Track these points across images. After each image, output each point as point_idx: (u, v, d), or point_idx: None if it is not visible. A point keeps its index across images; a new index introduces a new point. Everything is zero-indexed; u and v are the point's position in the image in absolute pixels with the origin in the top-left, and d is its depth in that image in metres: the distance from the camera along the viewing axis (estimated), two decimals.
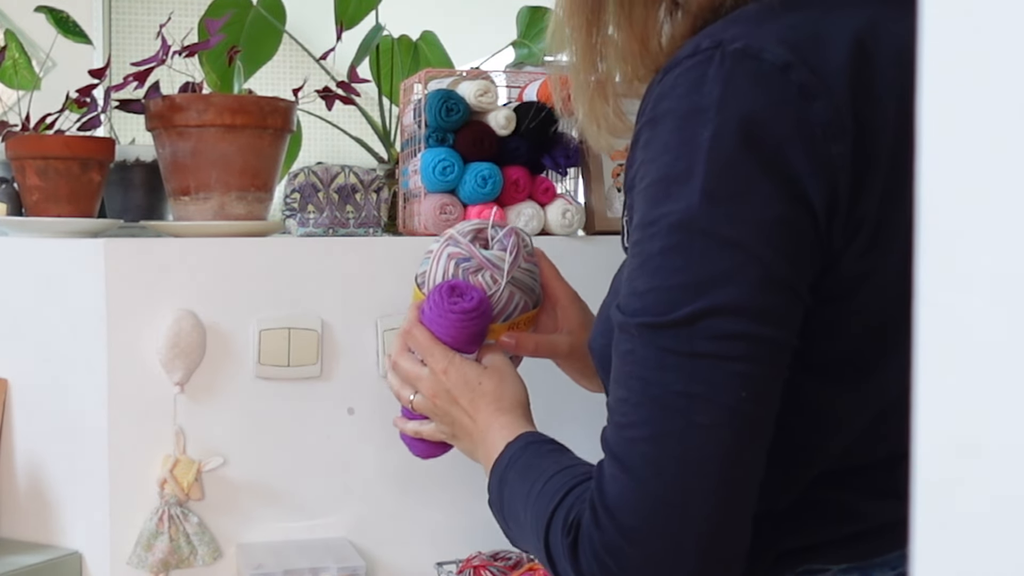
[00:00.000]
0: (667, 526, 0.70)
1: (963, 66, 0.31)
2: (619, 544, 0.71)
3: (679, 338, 0.69)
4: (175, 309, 1.29)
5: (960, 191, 0.32)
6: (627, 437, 0.71)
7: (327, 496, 1.36)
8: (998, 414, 0.31)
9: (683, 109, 0.70)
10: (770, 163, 0.68)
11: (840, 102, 0.69)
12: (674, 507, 0.70)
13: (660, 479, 0.70)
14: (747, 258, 0.68)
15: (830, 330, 0.75)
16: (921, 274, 0.32)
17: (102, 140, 1.47)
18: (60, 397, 1.33)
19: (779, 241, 0.69)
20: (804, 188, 0.69)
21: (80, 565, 1.32)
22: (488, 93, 1.40)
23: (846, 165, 0.69)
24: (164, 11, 1.65)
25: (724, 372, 0.69)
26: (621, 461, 0.72)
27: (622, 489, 0.71)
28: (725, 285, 0.68)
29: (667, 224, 0.70)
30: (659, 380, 0.70)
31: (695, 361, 0.69)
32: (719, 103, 0.68)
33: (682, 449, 0.69)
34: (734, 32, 0.70)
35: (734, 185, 0.68)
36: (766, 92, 0.68)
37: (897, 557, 0.80)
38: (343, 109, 1.57)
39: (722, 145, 0.68)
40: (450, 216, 1.39)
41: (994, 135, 0.31)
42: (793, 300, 0.71)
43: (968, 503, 0.31)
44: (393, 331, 1.35)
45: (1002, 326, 0.30)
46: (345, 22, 1.75)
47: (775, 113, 0.68)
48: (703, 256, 0.69)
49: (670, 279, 0.70)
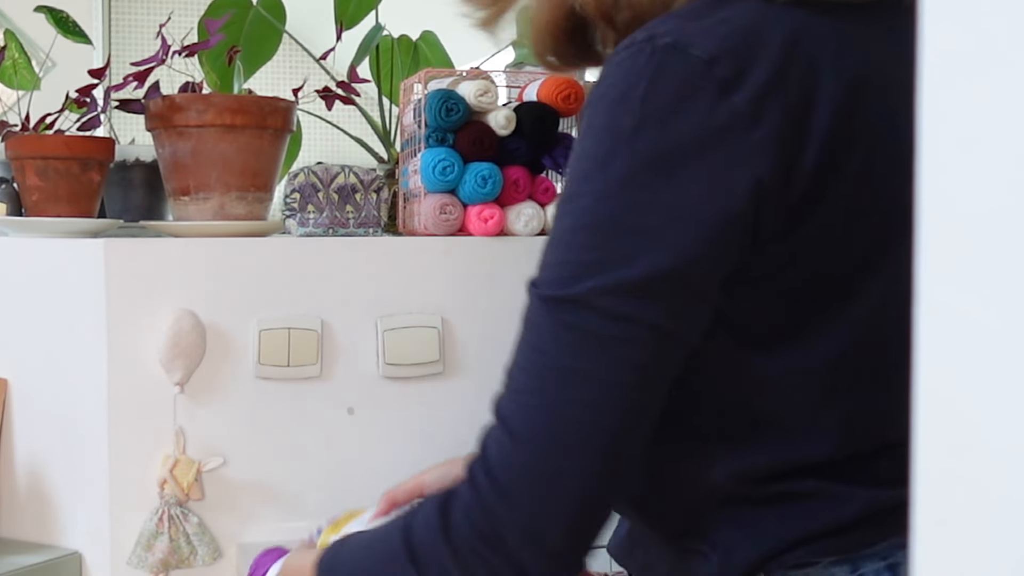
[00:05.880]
0: (536, 490, 0.74)
1: (963, 66, 0.31)
2: (492, 502, 0.75)
3: (574, 313, 0.73)
4: (175, 309, 1.29)
5: (960, 190, 0.32)
6: (516, 402, 0.76)
7: (327, 496, 1.36)
8: (998, 413, 0.31)
9: (611, 96, 0.73)
10: (687, 155, 0.71)
11: (764, 93, 0.71)
12: (545, 474, 0.74)
13: (538, 445, 0.74)
14: (650, 245, 0.71)
15: (764, 306, 0.77)
16: (921, 274, 0.32)
17: (102, 140, 1.47)
18: (60, 397, 1.33)
19: (687, 232, 0.71)
20: (720, 179, 0.71)
21: (80, 565, 1.32)
22: (488, 93, 1.40)
23: (768, 153, 0.71)
24: (164, 11, 1.65)
25: (609, 352, 0.73)
26: (506, 423, 0.76)
27: (503, 450, 0.76)
28: (624, 267, 0.71)
29: (581, 204, 0.73)
30: (551, 351, 0.74)
31: (585, 338, 0.73)
32: (644, 95, 0.71)
33: (561, 421, 0.74)
34: (667, 27, 0.73)
35: (648, 175, 0.71)
36: (689, 86, 0.70)
37: (887, 547, 0.80)
38: (343, 109, 1.57)
39: (641, 136, 0.71)
40: (450, 216, 1.39)
41: (994, 135, 0.31)
42: (694, 294, 0.74)
43: (968, 502, 0.31)
44: (393, 331, 1.35)
45: (1002, 326, 0.30)
46: (345, 22, 1.75)
47: (696, 106, 0.70)
48: (608, 238, 0.72)
49: (575, 255, 0.73)
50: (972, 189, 0.31)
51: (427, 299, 1.37)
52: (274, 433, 1.34)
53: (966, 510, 0.32)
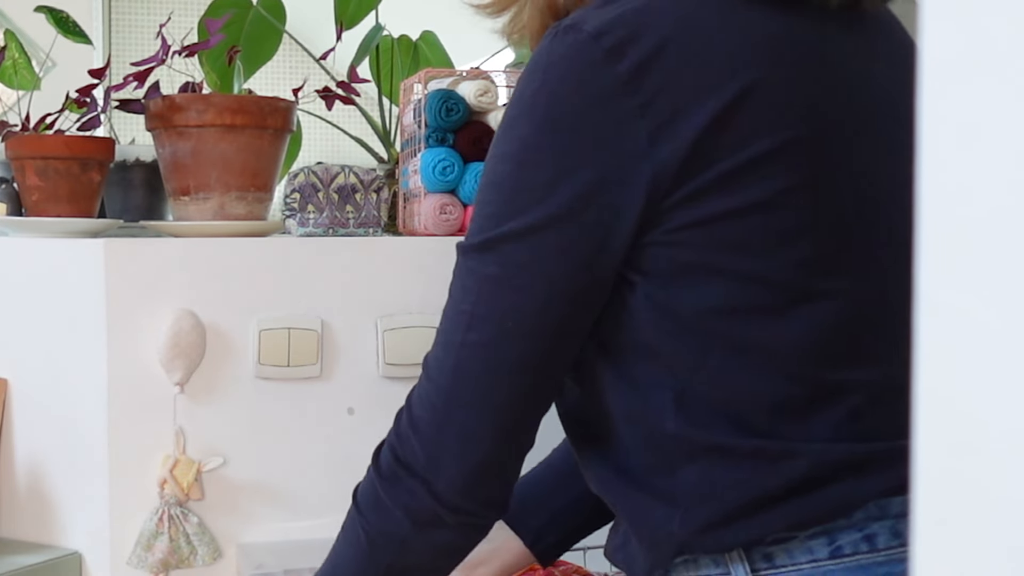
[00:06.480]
0: (435, 421, 0.85)
1: (963, 66, 0.31)
2: (407, 432, 0.87)
3: (475, 259, 0.82)
4: (175, 309, 1.29)
5: (960, 190, 0.32)
6: (434, 343, 0.86)
7: (327, 496, 1.36)
8: (998, 413, 0.31)
9: (527, 71, 0.83)
10: (575, 116, 0.79)
11: (644, 64, 0.77)
12: (441, 408, 0.84)
13: (440, 380, 0.84)
14: (541, 198, 0.79)
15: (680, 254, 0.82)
16: (921, 274, 0.32)
17: (102, 140, 1.47)
18: (60, 397, 1.34)
19: (573, 187, 0.79)
20: (603, 139, 0.78)
21: (80, 565, 1.32)
22: (488, 93, 1.40)
23: (648, 115, 0.77)
24: (164, 11, 1.65)
25: (505, 296, 0.81)
26: (424, 365, 0.87)
27: (419, 388, 0.87)
28: (517, 218, 0.80)
29: (490, 165, 0.83)
30: (456, 296, 0.84)
31: (483, 282, 0.82)
32: (544, 67, 0.80)
33: (460, 359, 0.83)
34: (578, 15, 0.82)
35: (541, 136, 0.80)
36: (579, 56, 0.79)
37: (863, 518, 0.81)
38: (343, 109, 1.57)
39: (538, 101, 0.80)
40: (450, 216, 1.39)
41: (994, 135, 0.31)
42: (586, 246, 0.80)
43: (968, 502, 0.31)
44: (393, 331, 1.36)
45: (1002, 326, 0.30)
46: (345, 22, 1.75)
47: (583, 74, 0.78)
48: (510, 192, 0.81)
49: (485, 208, 0.83)
50: (972, 189, 0.31)
51: (427, 299, 1.37)
52: (274, 433, 1.34)
53: (966, 510, 0.32)
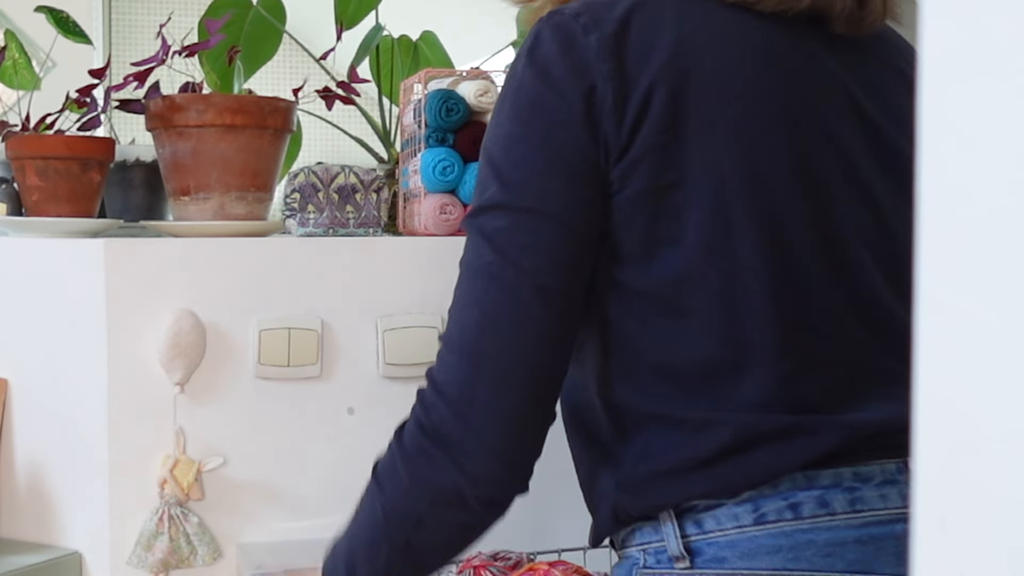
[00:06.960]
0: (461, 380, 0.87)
1: (963, 66, 0.31)
2: (432, 400, 0.89)
3: (475, 225, 0.89)
4: (175, 309, 1.29)
5: (960, 190, 0.32)
6: (449, 321, 0.90)
7: (327, 496, 1.36)
8: (998, 413, 0.31)
9: (517, 54, 0.92)
10: (555, 87, 0.88)
11: (610, 38, 0.88)
12: (467, 366, 0.87)
13: (463, 340, 0.88)
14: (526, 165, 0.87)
15: (623, 221, 0.89)
16: (921, 274, 0.32)
17: (102, 140, 1.47)
18: (60, 397, 1.34)
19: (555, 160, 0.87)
20: (581, 105, 0.87)
21: (80, 565, 1.32)
22: (488, 93, 1.40)
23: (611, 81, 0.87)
24: (164, 11, 1.65)
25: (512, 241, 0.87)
26: (442, 340, 0.90)
27: (436, 363, 0.90)
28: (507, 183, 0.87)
29: (485, 144, 0.91)
30: (471, 257, 0.90)
31: (494, 233, 0.88)
32: (529, 47, 0.90)
33: (480, 310, 0.87)
34: (565, 6, 0.92)
35: (527, 111, 0.88)
36: (559, 33, 0.89)
37: (788, 487, 0.85)
38: (343, 109, 1.57)
39: (524, 77, 0.89)
40: (450, 216, 1.39)
41: (994, 135, 0.31)
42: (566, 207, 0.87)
43: (968, 502, 0.31)
44: (393, 331, 1.36)
45: (1002, 326, 0.30)
46: (345, 22, 1.75)
47: (561, 47, 0.88)
48: (499, 161, 0.89)
49: (481, 177, 0.91)
50: (972, 189, 0.31)
51: (427, 299, 1.37)
52: (274, 433, 1.34)
53: (966, 510, 0.32)
